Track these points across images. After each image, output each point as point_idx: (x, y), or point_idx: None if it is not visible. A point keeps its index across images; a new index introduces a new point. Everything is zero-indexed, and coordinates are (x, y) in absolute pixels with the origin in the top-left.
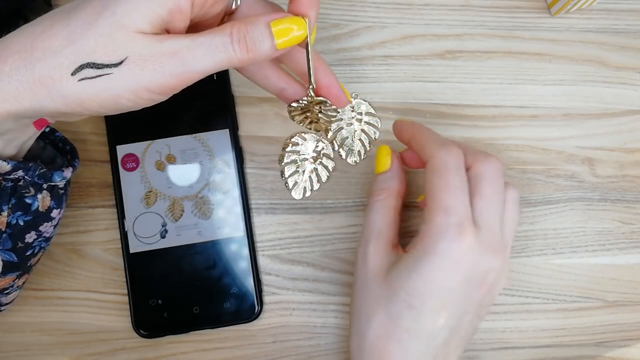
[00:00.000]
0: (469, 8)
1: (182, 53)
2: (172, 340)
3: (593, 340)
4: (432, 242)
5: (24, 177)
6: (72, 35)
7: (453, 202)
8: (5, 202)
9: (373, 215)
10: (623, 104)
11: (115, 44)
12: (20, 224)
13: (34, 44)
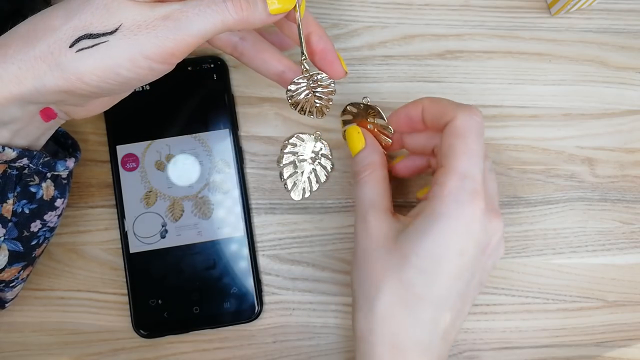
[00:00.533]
0: (469, 8)
1: (175, 15)
2: (172, 340)
3: (593, 340)
4: (445, 206)
5: (28, 165)
6: (70, 12)
7: (472, 169)
8: (10, 189)
9: (364, 188)
10: (623, 104)
11: (110, 14)
12: (26, 212)
13: (36, 26)
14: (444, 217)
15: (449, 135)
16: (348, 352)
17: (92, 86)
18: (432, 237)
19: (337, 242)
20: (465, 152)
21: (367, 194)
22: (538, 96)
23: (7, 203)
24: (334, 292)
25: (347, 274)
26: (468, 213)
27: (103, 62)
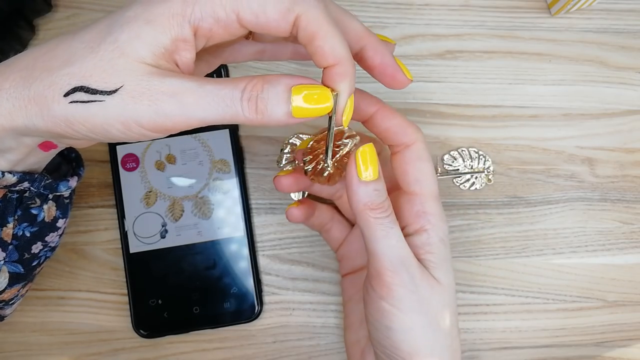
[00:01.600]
0: (469, 8)
1: (183, 96)
2: (172, 340)
3: (593, 340)
4: (440, 229)
5: (29, 188)
6: (72, 57)
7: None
8: (10, 213)
9: (395, 233)
10: (623, 104)
11: (113, 71)
12: (27, 235)
13: (36, 63)
14: (445, 239)
15: (416, 160)
16: None
17: (81, 134)
18: (449, 258)
19: None
20: (433, 174)
21: (401, 240)
22: (538, 96)
23: (7, 227)
24: (334, 292)
25: None
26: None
27: (94, 119)
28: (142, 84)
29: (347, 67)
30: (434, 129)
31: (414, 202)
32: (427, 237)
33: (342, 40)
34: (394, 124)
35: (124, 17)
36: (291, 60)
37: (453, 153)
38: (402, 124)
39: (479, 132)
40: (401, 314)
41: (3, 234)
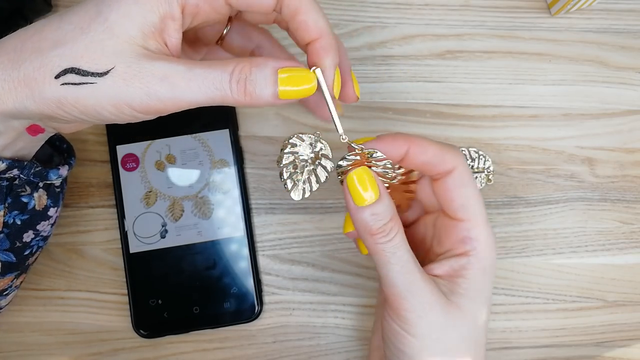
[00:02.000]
0: (469, 8)
1: (174, 79)
2: (172, 340)
3: (593, 340)
4: (486, 258)
5: (19, 176)
6: (62, 38)
7: (485, 212)
8: (1, 201)
9: (399, 259)
10: (623, 104)
11: (104, 53)
12: (18, 223)
13: (24, 45)
14: (491, 267)
15: (459, 186)
16: (348, 352)
17: (73, 116)
18: (487, 289)
19: (337, 242)
20: (479, 199)
21: (409, 265)
22: (538, 96)
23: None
24: (334, 292)
25: (347, 274)
26: (494, 255)
27: (86, 101)
28: (133, 67)
29: (330, 40)
30: (434, 129)
31: (460, 227)
32: (467, 262)
33: (323, 15)
34: (430, 157)
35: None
36: None
37: None
38: (437, 154)
39: (479, 132)
40: (413, 338)
41: None
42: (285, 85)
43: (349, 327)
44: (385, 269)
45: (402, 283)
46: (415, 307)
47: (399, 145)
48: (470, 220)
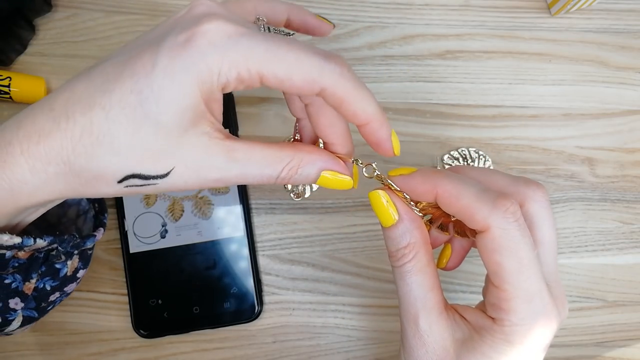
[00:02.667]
0: (469, 8)
1: (230, 171)
2: (172, 340)
3: (593, 340)
4: (520, 336)
5: (57, 248)
6: (116, 145)
7: (536, 286)
8: (35, 270)
9: (410, 283)
10: (623, 104)
11: (161, 155)
12: (47, 288)
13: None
14: (518, 345)
15: (491, 251)
16: (348, 352)
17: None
18: None
19: (337, 242)
20: (520, 269)
21: (415, 291)
22: (538, 96)
23: (29, 282)
24: (334, 292)
25: (347, 273)
26: (543, 338)
27: (145, 192)
28: (190, 165)
29: (380, 122)
30: (434, 129)
31: (492, 292)
32: (490, 326)
33: (371, 100)
34: (459, 208)
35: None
36: None
37: (453, 153)
38: (469, 207)
39: (479, 132)
40: None
41: (25, 288)
42: (323, 184)
43: (349, 327)
44: (399, 291)
45: (407, 310)
46: (415, 334)
47: (425, 184)
48: (504, 291)
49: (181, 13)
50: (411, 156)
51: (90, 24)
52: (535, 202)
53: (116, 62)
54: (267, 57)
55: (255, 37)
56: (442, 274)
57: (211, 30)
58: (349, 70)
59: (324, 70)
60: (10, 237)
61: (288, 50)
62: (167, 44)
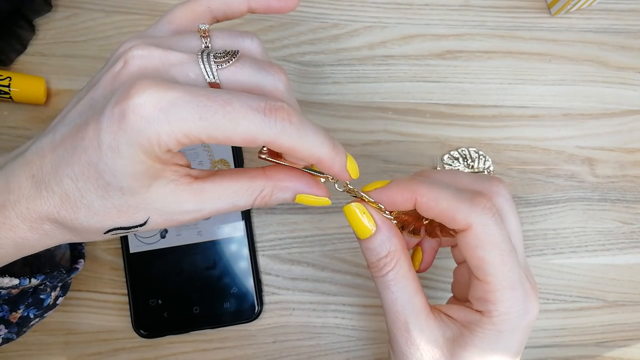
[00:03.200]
0: (469, 8)
1: (203, 204)
2: (172, 340)
3: (593, 340)
4: (509, 323)
5: (45, 283)
6: (92, 206)
7: (517, 274)
8: (23, 302)
9: (395, 293)
10: (623, 104)
11: (135, 211)
12: (31, 316)
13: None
14: (508, 332)
15: (474, 248)
16: (348, 352)
17: None
18: (497, 355)
19: (337, 242)
20: (503, 261)
21: (401, 298)
22: (538, 96)
23: (16, 312)
24: (334, 292)
25: (347, 273)
26: (529, 318)
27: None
28: (164, 214)
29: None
30: (434, 129)
31: (478, 286)
32: (479, 319)
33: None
34: (439, 211)
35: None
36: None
37: (453, 153)
38: (448, 208)
39: (479, 132)
40: None
41: (10, 317)
42: (301, 201)
43: (349, 327)
44: (382, 299)
45: (393, 322)
46: (406, 353)
47: (403, 192)
48: (489, 283)
49: (117, 67)
50: (411, 156)
51: (90, 24)
52: (500, 196)
53: (68, 132)
54: (202, 124)
55: (187, 104)
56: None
57: (141, 105)
58: (290, 121)
59: (264, 128)
60: (10, 279)
61: (223, 115)
62: (105, 118)
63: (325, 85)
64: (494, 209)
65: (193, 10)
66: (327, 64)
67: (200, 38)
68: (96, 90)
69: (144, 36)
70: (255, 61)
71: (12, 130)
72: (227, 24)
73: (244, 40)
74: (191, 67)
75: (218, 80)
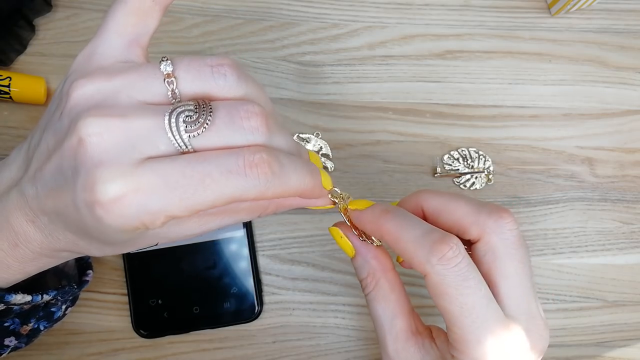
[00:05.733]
0: (469, 8)
1: None
2: (172, 340)
3: (593, 340)
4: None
5: (57, 297)
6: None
7: (485, 328)
8: (34, 316)
9: (374, 308)
10: (623, 104)
11: (140, 243)
12: (41, 328)
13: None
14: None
15: (434, 295)
16: (348, 352)
17: None
18: None
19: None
20: (463, 314)
21: (380, 316)
22: (538, 96)
23: (27, 325)
24: (334, 292)
25: (347, 273)
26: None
27: None
28: (172, 238)
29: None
30: (434, 129)
31: (448, 330)
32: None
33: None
34: (400, 250)
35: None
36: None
37: (453, 153)
38: (406, 252)
39: (479, 132)
40: None
41: (21, 329)
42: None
43: (349, 327)
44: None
45: (378, 337)
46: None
47: (372, 229)
48: (455, 334)
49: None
50: (411, 156)
51: (90, 24)
52: (497, 234)
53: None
54: (185, 204)
55: (163, 189)
56: None
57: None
58: (272, 172)
59: (248, 188)
60: (22, 296)
61: (204, 189)
62: (82, 207)
63: (325, 85)
64: (458, 259)
65: (139, 11)
66: (327, 64)
67: (163, 80)
68: (60, 155)
69: (92, 74)
70: (230, 116)
71: (12, 130)
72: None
73: (215, 80)
74: (160, 138)
75: (191, 149)
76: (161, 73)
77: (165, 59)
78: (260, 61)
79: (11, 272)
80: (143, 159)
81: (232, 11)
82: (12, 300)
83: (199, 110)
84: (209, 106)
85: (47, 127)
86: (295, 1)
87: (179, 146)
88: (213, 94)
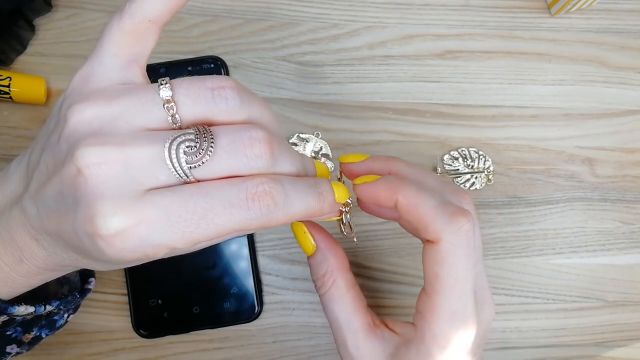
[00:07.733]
0: (469, 8)
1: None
2: (172, 340)
3: (593, 340)
4: (436, 346)
5: (59, 307)
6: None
7: (462, 302)
8: (36, 325)
9: (332, 308)
10: (623, 104)
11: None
12: (43, 336)
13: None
14: (439, 355)
15: (433, 262)
16: None
17: None
18: None
19: None
20: (454, 285)
21: (338, 315)
22: (538, 96)
23: (29, 333)
24: None
25: None
26: (463, 341)
27: None
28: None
29: (320, 213)
30: (434, 129)
31: (422, 299)
32: (414, 339)
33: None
34: (417, 216)
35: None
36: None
37: (453, 153)
38: (424, 217)
39: (479, 132)
40: None
41: (23, 338)
42: None
43: None
44: (326, 317)
45: (335, 339)
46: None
47: (387, 192)
48: (433, 301)
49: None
50: (411, 156)
51: (90, 24)
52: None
53: (50, 216)
54: (188, 238)
55: (165, 224)
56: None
57: (116, 237)
58: (275, 203)
59: (251, 220)
60: (25, 307)
61: (207, 224)
62: (85, 241)
63: (325, 85)
64: (470, 233)
65: (136, 31)
66: (327, 64)
67: (162, 106)
68: (60, 181)
69: (90, 98)
70: (232, 144)
71: (12, 130)
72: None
73: (217, 104)
74: (160, 169)
75: (192, 179)
76: (160, 98)
77: (164, 82)
78: (260, 61)
79: (15, 286)
80: (144, 191)
81: (232, 11)
82: (15, 312)
83: (200, 138)
84: (210, 133)
85: (46, 147)
86: (295, 1)
87: (179, 177)
88: (215, 118)
